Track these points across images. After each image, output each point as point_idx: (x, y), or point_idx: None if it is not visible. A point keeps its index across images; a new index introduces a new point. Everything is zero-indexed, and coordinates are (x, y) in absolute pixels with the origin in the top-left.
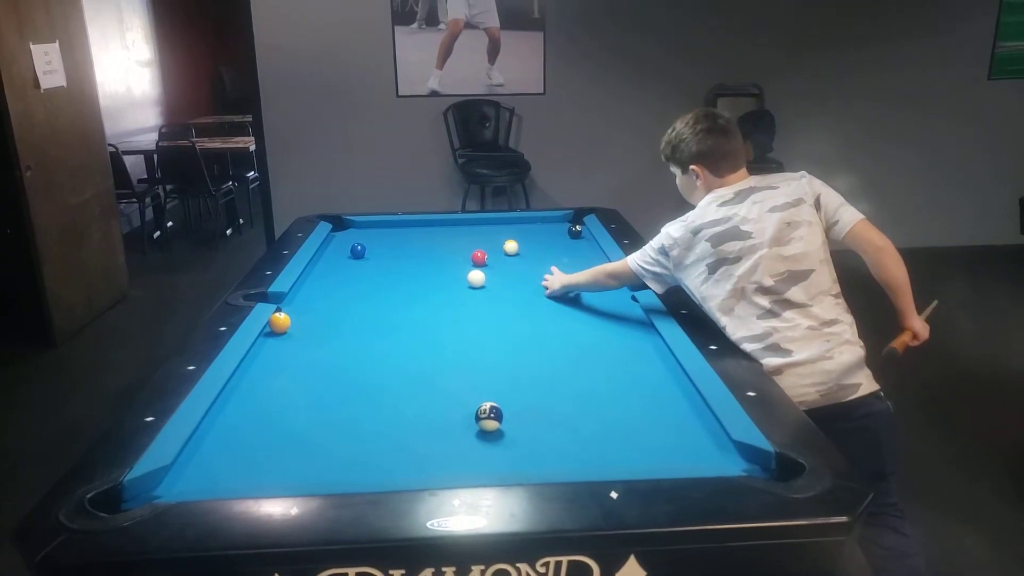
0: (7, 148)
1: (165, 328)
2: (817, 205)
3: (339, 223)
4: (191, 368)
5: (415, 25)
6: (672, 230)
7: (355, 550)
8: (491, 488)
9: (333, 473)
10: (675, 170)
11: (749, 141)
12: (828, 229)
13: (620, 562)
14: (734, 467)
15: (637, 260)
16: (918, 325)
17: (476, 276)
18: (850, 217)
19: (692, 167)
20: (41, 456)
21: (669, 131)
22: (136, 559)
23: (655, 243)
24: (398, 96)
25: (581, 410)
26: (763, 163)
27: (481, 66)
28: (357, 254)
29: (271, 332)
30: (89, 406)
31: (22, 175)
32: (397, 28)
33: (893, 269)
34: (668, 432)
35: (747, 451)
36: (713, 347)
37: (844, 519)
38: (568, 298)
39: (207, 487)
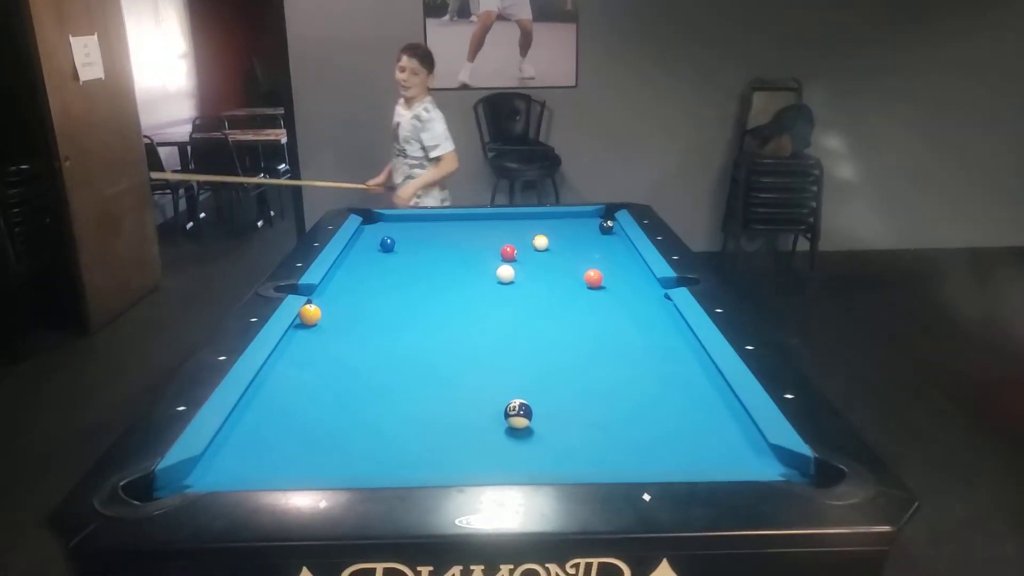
0: (47, 139)
1: (197, 318)
2: None
3: (369, 216)
4: (222, 358)
5: (447, 17)
6: (440, 117)
7: (383, 546)
8: (521, 487)
9: (362, 467)
10: (423, 68)
11: (787, 135)
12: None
13: (652, 566)
14: (771, 471)
15: (451, 146)
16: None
17: (505, 271)
18: None
19: (431, 74)
20: (75, 443)
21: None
22: (168, 548)
23: (442, 128)
24: (428, 89)
25: (612, 409)
26: (801, 158)
27: (512, 59)
28: (387, 247)
29: (301, 324)
30: (122, 394)
31: (61, 166)
32: (429, 20)
33: None
34: (702, 434)
35: (784, 455)
36: (749, 347)
37: (888, 528)
38: (599, 295)
39: (236, 478)
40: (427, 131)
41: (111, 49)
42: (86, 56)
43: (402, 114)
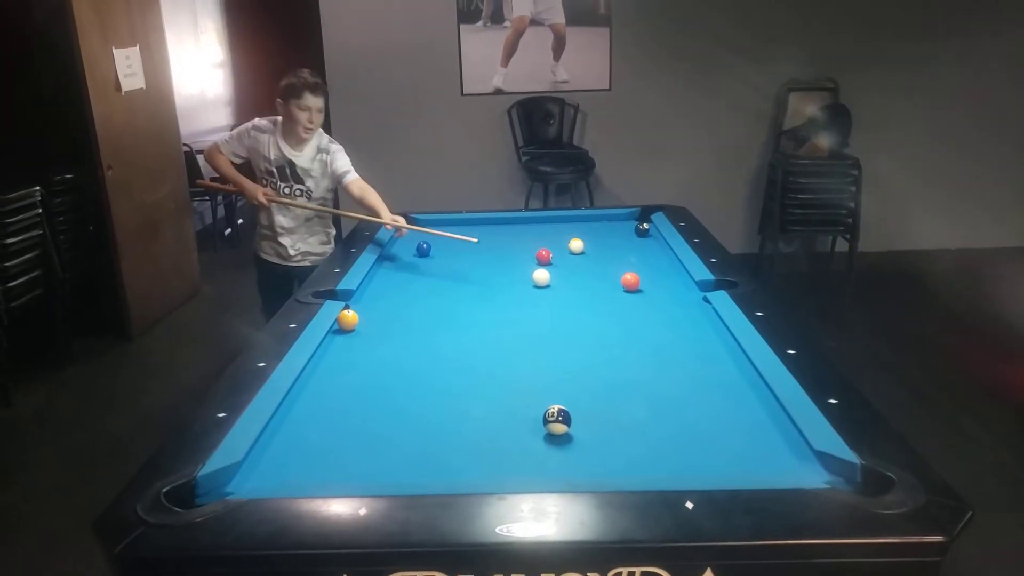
0: (90, 149)
1: (236, 323)
2: None
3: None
4: (261, 365)
5: (480, 23)
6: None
7: (424, 554)
8: (561, 494)
9: (401, 473)
10: (325, 104)
11: (824, 135)
12: None
13: (696, 575)
14: (816, 479)
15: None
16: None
17: (541, 275)
18: None
19: None
20: (119, 448)
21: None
22: (210, 555)
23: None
24: (463, 94)
25: (652, 415)
26: (839, 158)
27: (546, 63)
28: (423, 252)
29: (340, 329)
30: (164, 399)
31: (103, 174)
32: (463, 26)
33: None
34: (744, 440)
35: (830, 462)
36: (791, 351)
37: (940, 538)
38: (636, 298)
39: (277, 484)
40: (338, 159)
41: (152, 60)
42: (128, 67)
43: (292, 153)
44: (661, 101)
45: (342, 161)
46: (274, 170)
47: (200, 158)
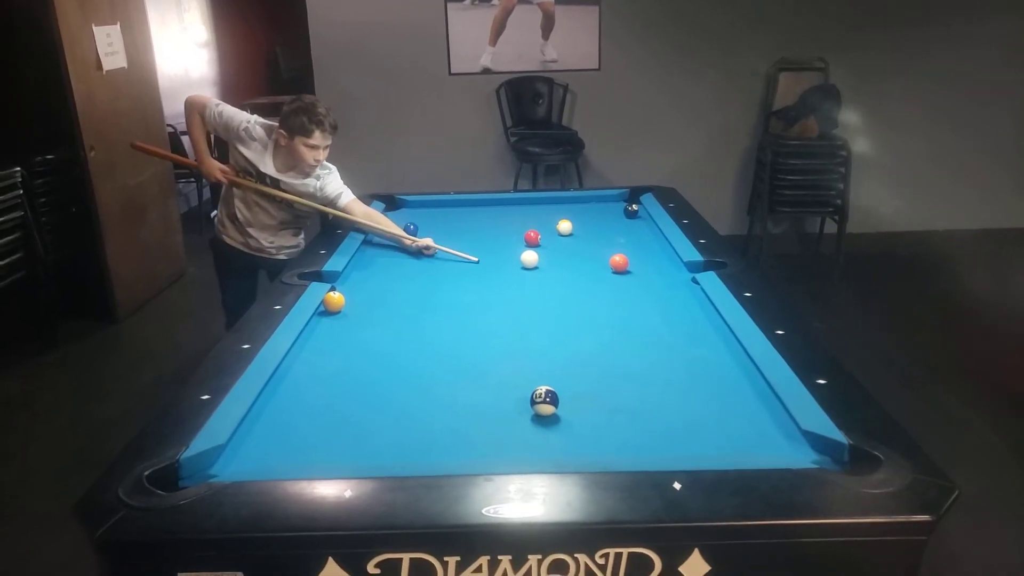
0: (71, 129)
1: (222, 305)
2: None
3: (392, 203)
4: (246, 347)
5: (468, 1)
6: (333, 166)
7: (410, 535)
8: (548, 475)
9: (387, 456)
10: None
11: (814, 116)
12: None
13: (683, 555)
14: (804, 459)
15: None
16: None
17: (529, 257)
18: None
19: None
20: (107, 431)
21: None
22: (193, 538)
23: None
24: (450, 74)
25: (641, 396)
26: (828, 139)
27: (534, 42)
28: (410, 233)
29: (325, 311)
30: (152, 381)
31: (86, 156)
32: (450, 5)
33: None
34: (733, 421)
35: (817, 442)
36: (779, 332)
37: (926, 517)
38: (625, 279)
39: (261, 467)
40: (330, 184)
41: (134, 38)
42: (109, 46)
43: (279, 175)
44: (650, 81)
45: (335, 184)
46: (253, 173)
47: (186, 139)
